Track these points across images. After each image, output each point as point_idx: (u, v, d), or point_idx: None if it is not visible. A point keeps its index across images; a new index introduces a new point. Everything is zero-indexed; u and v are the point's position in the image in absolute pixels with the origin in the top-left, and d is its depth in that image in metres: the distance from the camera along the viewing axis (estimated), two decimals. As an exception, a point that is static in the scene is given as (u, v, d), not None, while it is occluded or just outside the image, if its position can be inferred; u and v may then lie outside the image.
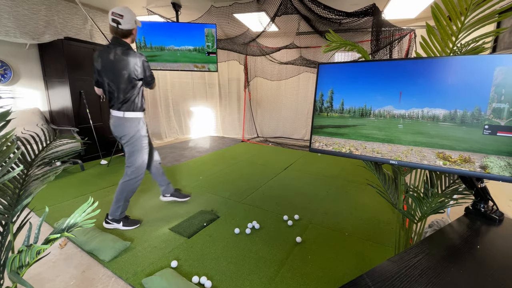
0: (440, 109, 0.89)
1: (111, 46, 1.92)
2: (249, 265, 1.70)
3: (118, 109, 1.96)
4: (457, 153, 0.87)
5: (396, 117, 0.98)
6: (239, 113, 6.31)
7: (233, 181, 3.21)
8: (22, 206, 0.91)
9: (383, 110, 1.00)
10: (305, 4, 3.03)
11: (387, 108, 0.99)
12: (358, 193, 2.89)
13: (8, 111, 0.85)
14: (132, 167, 2.05)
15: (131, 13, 1.91)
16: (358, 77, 1.06)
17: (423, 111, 0.92)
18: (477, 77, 0.82)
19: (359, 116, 1.06)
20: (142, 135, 2.05)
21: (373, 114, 1.03)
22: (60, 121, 3.84)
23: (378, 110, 1.01)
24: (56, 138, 1.26)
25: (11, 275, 0.78)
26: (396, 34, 3.77)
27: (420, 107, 0.93)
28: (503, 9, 1.00)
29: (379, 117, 1.01)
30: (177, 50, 3.92)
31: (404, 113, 0.96)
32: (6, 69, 3.34)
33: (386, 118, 1.00)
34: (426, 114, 0.92)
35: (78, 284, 1.53)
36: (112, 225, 2.08)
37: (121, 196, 2.05)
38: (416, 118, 0.94)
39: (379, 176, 1.38)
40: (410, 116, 0.95)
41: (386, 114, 1.00)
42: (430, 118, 0.91)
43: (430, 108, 0.91)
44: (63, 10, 3.62)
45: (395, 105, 0.97)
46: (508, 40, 2.78)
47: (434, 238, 0.81)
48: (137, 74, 1.95)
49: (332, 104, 1.12)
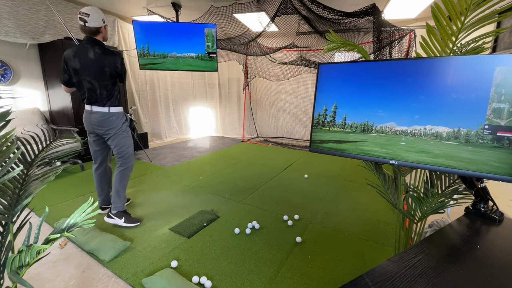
0: (443, 127, 0.87)
1: (86, 45, 1.97)
2: (249, 265, 1.70)
3: (103, 105, 2.05)
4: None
5: (398, 133, 0.96)
6: (239, 113, 6.31)
7: (233, 181, 3.21)
8: (22, 206, 0.91)
9: (385, 126, 0.99)
10: (305, 4, 3.03)
11: (389, 124, 0.98)
12: (358, 193, 2.89)
13: (8, 111, 0.85)
14: (126, 155, 2.15)
15: (98, 12, 1.97)
16: (360, 90, 1.04)
17: (425, 129, 0.90)
18: (477, 80, 0.82)
19: (360, 131, 1.04)
20: (127, 125, 2.19)
21: (375, 130, 1.01)
22: (60, 121, 3.84)
23: (380, 126, 1.00)
24: (56, 138, 1.25)
25: (11, 275, 0.78)
26: (396, 34, 3.77)
27: (423, 124, 0.91)
28: (503, 9, 1.00)
29: (381, 133, 1.00)
30: (180, 58, 3.94)
31: (406, 129, 0.94)
32: (6, 69, 3.34)
33: (388, 134, 0.98)
34: (429, 131, 0.90)
35: (78, 284, 1.53)
36: (114, 220, 2.12)
37: (120, 186, 2.13)
38: (419, 136, 0.92)
39: (379, 176, 1.38)
40: (412, 134, 0.93)
41: (388, 130, 0.98)
42: (433, 136, 0.89)
43: (432, 126, 0.89)
44: (63, 10, 3.62)
45: (397, 122, 0.96)
46: (508, 40, 2.78)
47: (434, 238, 0.81)
48: (118, 71, 2.04)
49: (335, 118, 1.10)
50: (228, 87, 6.33)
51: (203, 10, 3.97)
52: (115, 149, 2.13)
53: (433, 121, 0.90)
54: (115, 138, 2.10)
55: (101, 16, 1.99)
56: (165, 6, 4.02)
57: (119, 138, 2.11)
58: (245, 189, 2.95)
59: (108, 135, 2.10)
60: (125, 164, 2.15)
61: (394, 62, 0.98)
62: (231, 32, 4.43)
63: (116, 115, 2.09)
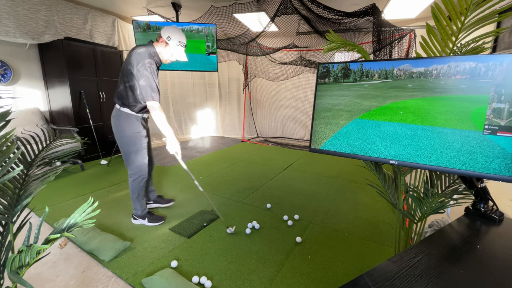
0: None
1: None
2: (249, 265, 1.70)
3: None
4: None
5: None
6: (239, 113, 6.31)
7: (233, 181, 3.21)
8: (22, 206, 0.91)
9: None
10: (305, 4, 3.03)
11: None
12: (358, 193, 2.89)
13: (8, 111, 0.85)
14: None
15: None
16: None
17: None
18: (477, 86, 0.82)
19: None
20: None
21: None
22: (60, 121, 3.84)
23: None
24: (56, 138, 1.25)
25: (11, 275, 0.78)
26: (396, 34, 3.77)
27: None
28: (503, 9, 1.00)
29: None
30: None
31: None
32: (6, 69, 3.34)
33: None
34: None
35: (78, 284, 1.53)
36: (139, 221, 2.18)
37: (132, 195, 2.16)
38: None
39: (379, 176, 1.38)
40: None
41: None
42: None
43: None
44: (63, 10, 3.62)
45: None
46: (508, 40, 2.78)
47: (434, 238, 0.81)
48: None
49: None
50: (228, 87, 6.33)
51: (203, 10, 3.97)
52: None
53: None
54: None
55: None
56: (165, 6, 4.02)
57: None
58: (245, 189, 2.95)
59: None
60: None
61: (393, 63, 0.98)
62: (231, 32, 4.43)
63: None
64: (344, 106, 1.11)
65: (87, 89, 3.75)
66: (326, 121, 1.16)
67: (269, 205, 2.53)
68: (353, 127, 1.08)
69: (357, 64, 1.06)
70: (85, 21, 3.92)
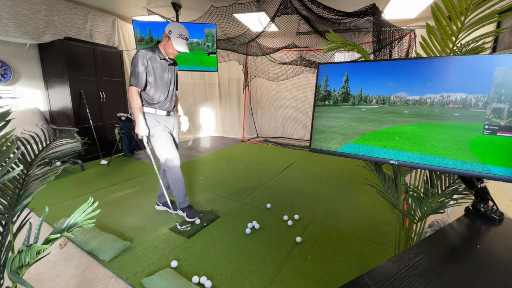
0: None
1: None
2: (249, 265, 1.70)
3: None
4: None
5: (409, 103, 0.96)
6: (239, 113, 6.31)
7: (233, 181, 3.21)
8: (22, 206, 0.91)
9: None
10: (305, 4, 3.03)
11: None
12: (358, 193, 2.89)
13: (8, 111, 0.85)
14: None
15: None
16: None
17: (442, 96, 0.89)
18: (477, 80, 0.82)
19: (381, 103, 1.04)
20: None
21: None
22: (60, 121, 3.84)
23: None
24: (56, 138, 1.25)
25: (11, 275, 0.78)
26: (396, 34, 3.77)
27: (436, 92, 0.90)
28: (503, 9, 1.00)
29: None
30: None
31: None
32: (6, 69, 3.34)
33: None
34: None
35: (78, 284, 1.53)
36: (182, 213, 2.27)
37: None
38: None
39: (379, 176, 1.38)
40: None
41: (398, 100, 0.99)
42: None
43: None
44: (63, 10, 3.62)
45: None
46: (508, 40, 2.78)
47: (434, 238, 0.81)
48: None
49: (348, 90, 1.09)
50: (228, 87, 6.33)
51: (203, 10, 3.97)
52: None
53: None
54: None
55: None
56: (165, 6, 4.02)
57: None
58: (245, 189, 2.95)
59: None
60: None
61: (394, 63, 0.98)
62: (231, 32, 4.43)
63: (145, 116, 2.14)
64: (338, 129, 1.09)
65: (87, 89, 3.75)
66: (317, 144, 1.14)
67: (269, 205, 2.53)
68: (345, 152, 1.08)
69: (357, 89, 1.06)
70: (85, 21, 3.92)
